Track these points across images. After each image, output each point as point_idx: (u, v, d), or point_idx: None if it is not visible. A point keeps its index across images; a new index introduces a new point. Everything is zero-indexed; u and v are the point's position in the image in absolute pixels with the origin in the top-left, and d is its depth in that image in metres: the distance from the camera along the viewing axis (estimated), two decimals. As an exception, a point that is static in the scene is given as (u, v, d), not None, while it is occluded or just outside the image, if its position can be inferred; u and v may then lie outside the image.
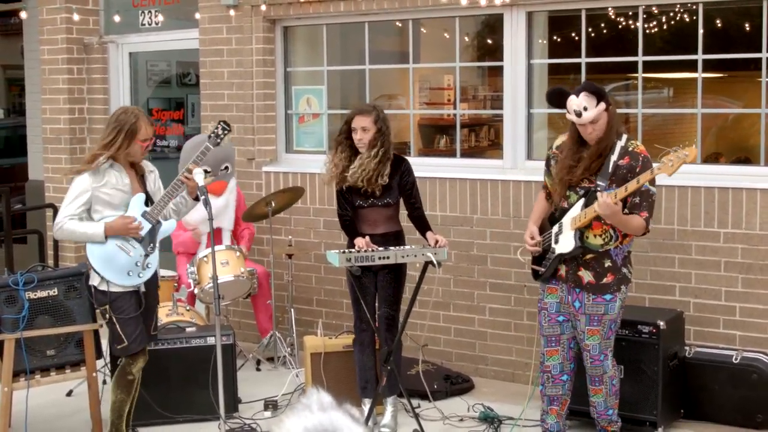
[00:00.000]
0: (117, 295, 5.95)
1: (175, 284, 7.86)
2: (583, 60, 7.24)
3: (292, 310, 8.06)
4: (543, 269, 5.88)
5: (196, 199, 6.08)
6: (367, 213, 6.50)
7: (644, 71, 7.11)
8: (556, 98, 5.75)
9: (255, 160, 8.62)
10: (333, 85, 8.71)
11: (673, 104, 9.71)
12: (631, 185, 5.47)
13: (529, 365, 7.04)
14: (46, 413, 6.98)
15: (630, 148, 5.65)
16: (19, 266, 8.87)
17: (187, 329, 6.96)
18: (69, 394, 7.34)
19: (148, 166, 6.22)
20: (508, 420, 6.64)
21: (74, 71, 9.72)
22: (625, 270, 5.77)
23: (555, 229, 5.81)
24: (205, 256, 7.51)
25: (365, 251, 6.25)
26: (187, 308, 7.46)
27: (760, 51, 6.66)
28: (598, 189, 5.59)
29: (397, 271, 6.50)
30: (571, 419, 6.26)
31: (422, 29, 8.54)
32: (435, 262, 6.25)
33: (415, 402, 6.78)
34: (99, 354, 6.60)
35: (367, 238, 6.33)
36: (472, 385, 7.44)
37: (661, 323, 6.21)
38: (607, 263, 5.69)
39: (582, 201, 5.66)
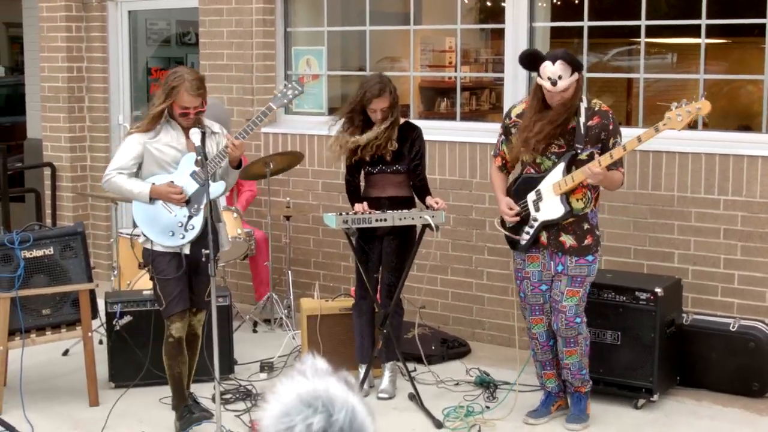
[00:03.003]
0: (158, 254, 5.84)
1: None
2: (586, 24, 7.17)
3: (290, 272, 8.04)
4: (524, 237, 5.85)
5: (237, 167, 5.94)
6: (375, 178, 6.47)
7: (647, 36, 7.04)
8: (530, 61, 5.71)
9: (254, 120, 8.55)
10: (333, 46, 8.65)
11: (677, 70, 9.65)
12: (617, 152, 5.55)
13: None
14: (42, 372, 6.97)
15: (596, 108, 5.71)
16: (16, 225, 8.85)
17: (184, 290, 6.92)
18: (65, 353, 7.34)
19: (213, 126, 6.01)
20: (504, 385, 6.63)
21: (73, 29, 9.63)
22: (598, 233, 5.85)
23: (532, 196, 5.80)
24: (203, 217, 7.46)
25: (362, 214, 6.22)
26: (184, 269, 7.43)
27: (764, 17, 6.58)
28: (579, 153, 5.61)
29: (404, 237, 6.44)
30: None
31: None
32: (433, 226, 6.21)
33: (411, 366, 6.77)
34: (95, 314, 6.59)
35: (365, 203, 6.29)
36: (468, 350, 7.43)
37: (659, 290, 6.17)
38: (586, 226, 5.76)
39: (561, 166, 5.67)
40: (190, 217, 5.85)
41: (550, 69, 5.53)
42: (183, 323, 5.93)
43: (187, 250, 5.85)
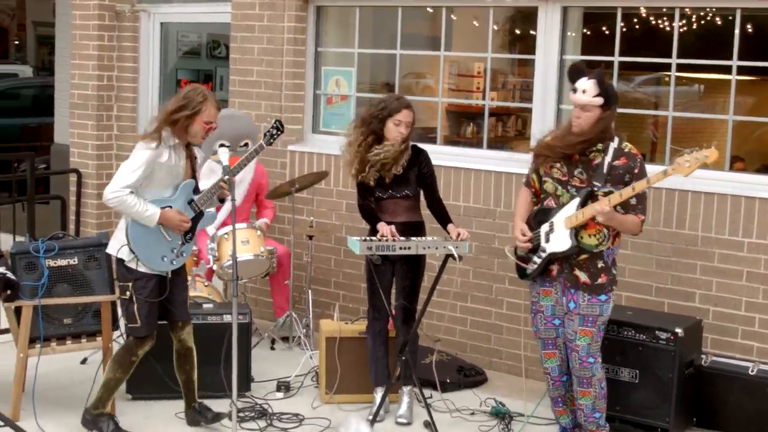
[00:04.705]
0: (141, 275, 5.91)
1: (195, 258, 7.87)
2: (616, 59, 7.19)
3: (310, 291, 8.06)
4: (531, 267, 5.87)
5: (222, 200, 6.12)
6: (386, 204, 6.48)
7: (677, 71, 7.05)
8: (575, 74, 5.75)
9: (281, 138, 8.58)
10: (363, 68, 8.68)
11: (704, 100, 9.63)
12: (626, 191, 5.53)
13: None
14: (59, 380, 7.00)
15: (626, 150, 5.71)
16: (40, 228, 8.91)
17: (204, 306, 6.96)
18: (83, 362, 7.36)
19: (199, 152, 6.14)
20: (519, 416, 6.62)
21: (105, 38, 9.69)
22: (614, 271, 5.83)
23: (545, 227, 5.81)
24: (226, 234, 7.50)
25: (386, 240, 6.23)
26: (206, 284, 7.46)
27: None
28: (596, 190, 5.62)
29: (416, 262, 6.47)
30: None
31: (452, 16, 8.47)
32: (456, 256, 6.22)
33: (427, 392, 6.77)
34: (115, 325, 6.62)
35: (393, 227, 6.30)
36: (485, 378, 7.43)
37: (679, 331, 6.17)
38: (600, 264, 5.73)
39: (576, 200, 5.68)
40: (182, 245, 6.01)
41: (581, 81, 5.63)
42: (152, 345, 6.09)
43: (170, 274, 6.02)
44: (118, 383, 6.12)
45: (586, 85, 5.59)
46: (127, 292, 5.93)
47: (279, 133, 6.29)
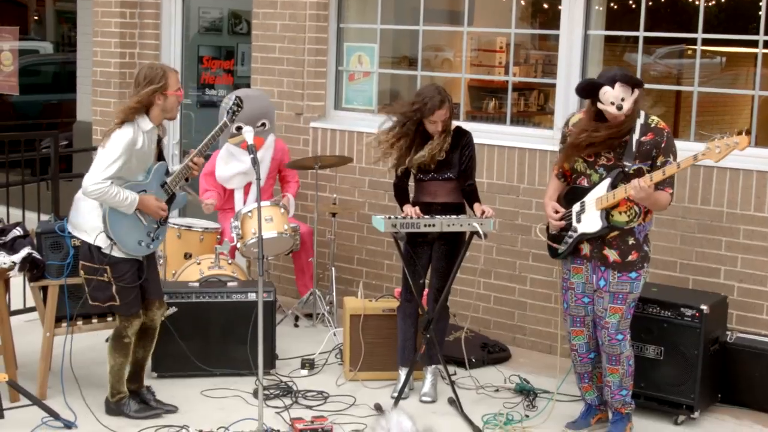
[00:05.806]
0: (117, 260, 5.92)
1: (218, 236, 7.89)
2: (641, 34, 7.14)
3: (333, 268, 8.07)
4: (562, 247, 5.86)
5: (187, 180, 6.18)
6: (427, 185, 6.49)
7: (702, 45, 7.00)
8: (589, 91, 5.65)
9: (303, 115, 8.59)
10: (385, 44, 8.65)
11: (726, 72, 9.58)
12: (670, 169, 5.48)
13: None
14: (84, 358, 7.01)
15: (652, 125, 5.65)
16: (64, 206, 8.91)
17: (229, 284, 6.98)
18: (108, 340, 7.37)
19: (165, 131, 6.21)
20: (544, 393, 6.63)
21: (127, 15, 9.69)
22: (646, 248, 5.79)
23: (576, 207, 5.79)
24: (250, 212, 7.51)
25: (411, 218, 6.23)
26: (230, 262, 7.47)
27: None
28: (626, 169, 5.56)
29: (453, 243, 6.46)
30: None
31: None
32: (481, 233, 6.21)
33: (451, 369, 6.77)
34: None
35: (417, 207, 6.32)
36: (508, 355, 7.44)
37: (705, 307, 6.15)
38: (631, 241, 5.70)
39: (607, 181, 5.65)
40: (157, 228, 6.07)
41: (612, 94, 5.49)
42: (139, 323, 6.12)
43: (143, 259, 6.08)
44: (123, 366, 6.15)
45: (620, 93, 5.47)
46: (105, 275, 5.92)
47: (240, 109, 6.29)
